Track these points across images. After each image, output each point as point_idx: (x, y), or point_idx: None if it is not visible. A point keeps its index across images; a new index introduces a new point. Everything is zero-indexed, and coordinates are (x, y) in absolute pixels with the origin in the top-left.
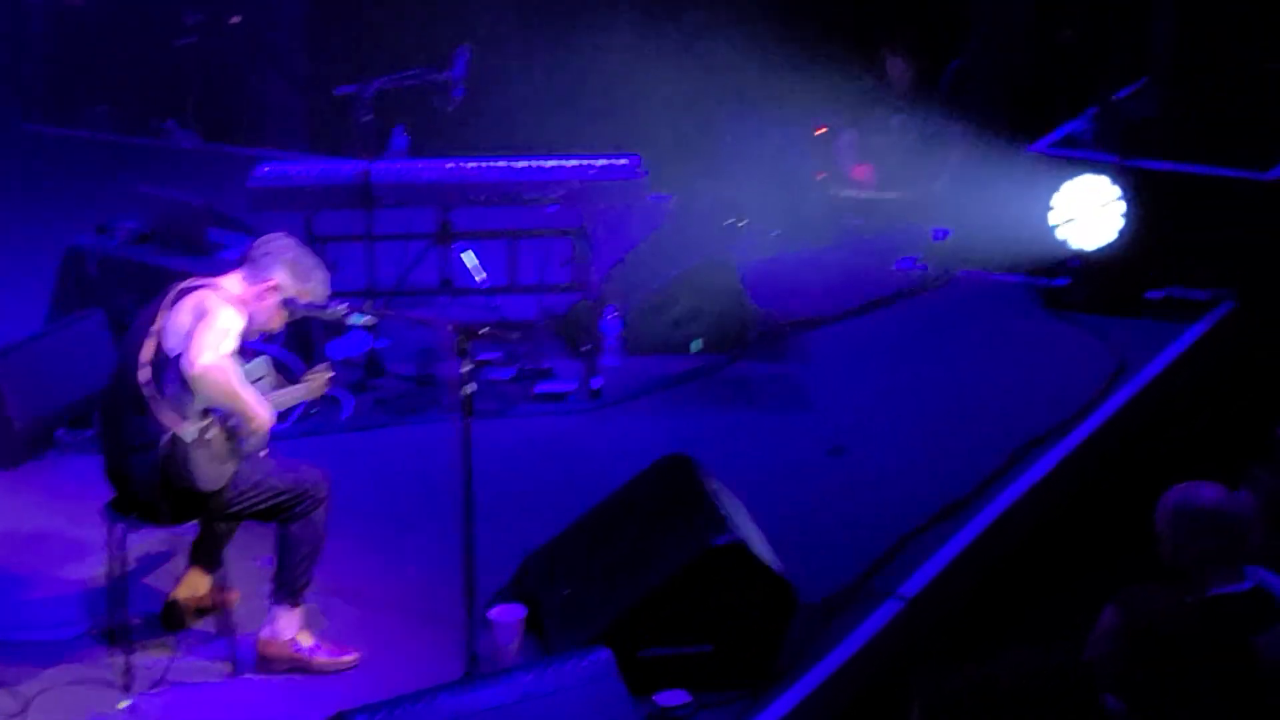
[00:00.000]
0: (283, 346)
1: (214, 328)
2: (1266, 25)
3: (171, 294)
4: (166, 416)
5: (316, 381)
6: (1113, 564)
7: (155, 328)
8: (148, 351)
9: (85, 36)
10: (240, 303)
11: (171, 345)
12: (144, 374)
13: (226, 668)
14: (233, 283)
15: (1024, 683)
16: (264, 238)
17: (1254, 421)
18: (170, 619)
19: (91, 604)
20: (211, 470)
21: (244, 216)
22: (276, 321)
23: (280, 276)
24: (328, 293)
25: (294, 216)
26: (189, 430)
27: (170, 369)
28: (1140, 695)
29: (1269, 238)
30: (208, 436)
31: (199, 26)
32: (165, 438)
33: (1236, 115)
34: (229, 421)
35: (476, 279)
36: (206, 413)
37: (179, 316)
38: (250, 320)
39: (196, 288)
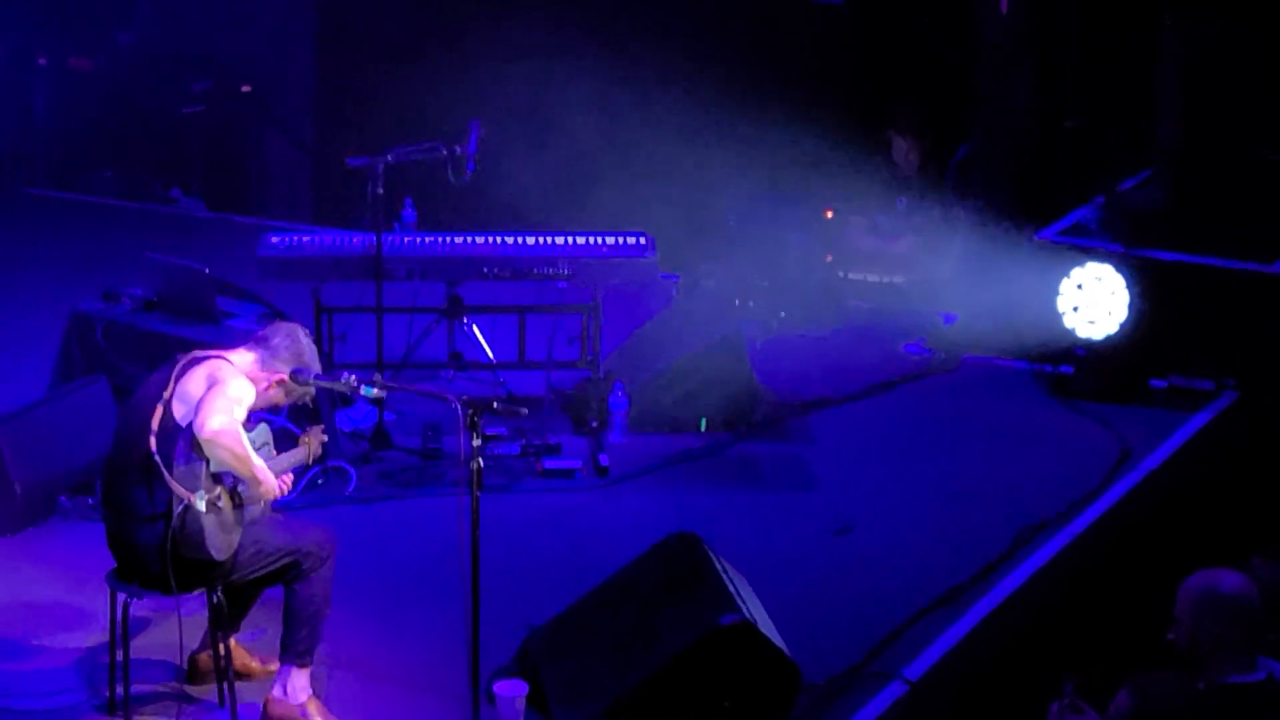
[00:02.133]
0: (287, 418)
1: (226, 394)
2: (1272, 117)
3: (181, 363)
4: (178, 486)
5: (312, 443)
6: (1116, 649)
7: (166, 395)
8: (157, 419)
9: (91, 101)
10: (250, 378)
11: (182, 414)
12: (152, 442)
13: None
14: (243, 359)
15: None
16: (277, 324)
17: (1255, 512)
18: (193, 676)
19: (92, 673)
20: (221, 539)
21: (252, 286)
22: (281, 401)
23: (283, 359)
24: (309, 394)
25: (303, 287)
26: (201, 499)
27: (181, 437)
28: None
29: (1273, 329)
30: (219, 504)
31: (206, 94)
32: (179, 507)
33: (1242, 207)
34: (236, 488)
35: (485, 354)
36: (217, 480)
37: (190, 384)
38: (256, 398)
39: (207, 358)
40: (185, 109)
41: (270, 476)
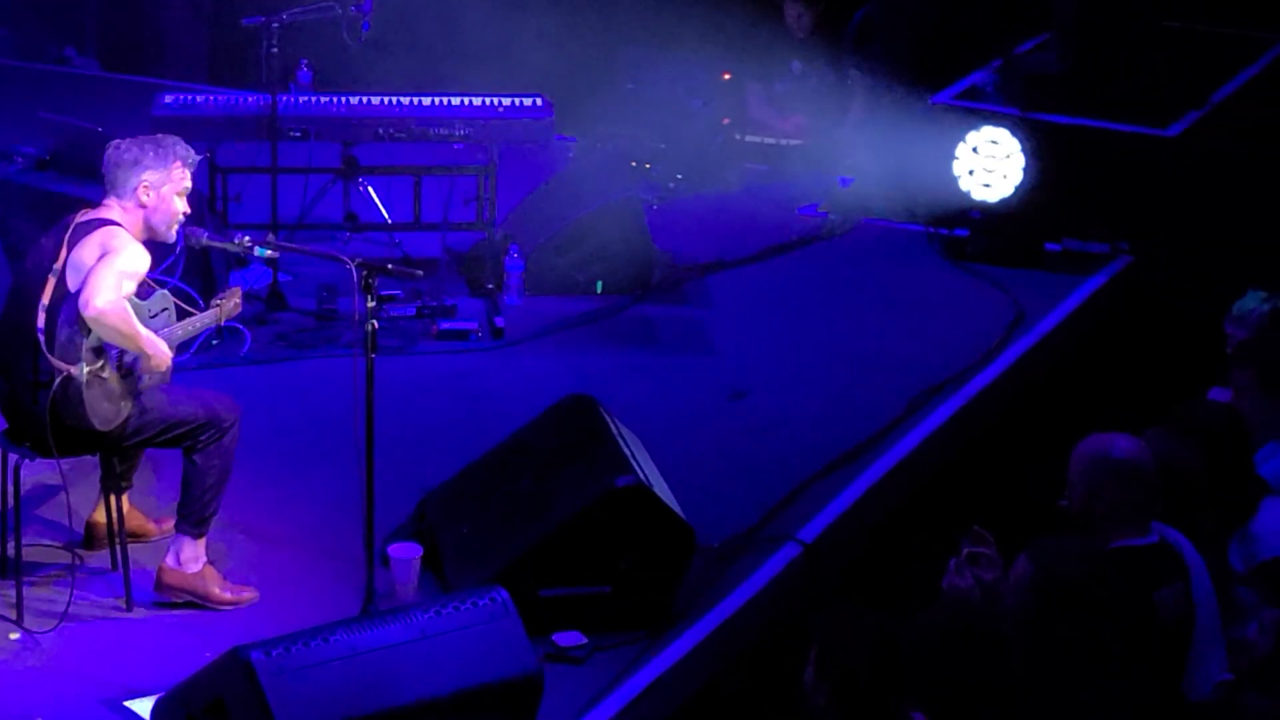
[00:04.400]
0: (181, 279)
1: (114, 268)
2: None
3: (71, 227)
4: (57, 360)
5: (228, 303)
6: (1011, 513)
7: (57, 266)
8: (47, 293)
9: None
10: (134, 229)
11: (74, 283)
12: (40, 318)
13: (121, 602)
14: (115, 212)
15: (925, 630)
16: (106, 156)
17: (1148, 377)
18: (89, 541)
19: None
20: (105, 409)
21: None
22: (175, 215)
23: (147, 176)
24: (193, 157)
25: (198, 147)
26: (82, 370)
27: (66, 307)
28: (1046, 644)
29: (1167, 193)
30: (102, 375)
31: None
32: (59, 377)
33: (1138, 71)
34: (125, 359)
35: (381, 215)
36: (99, 352)
37: (83, 253)
38: (153, 230)
39: (95, 222)
40: None
41: (161, 348)
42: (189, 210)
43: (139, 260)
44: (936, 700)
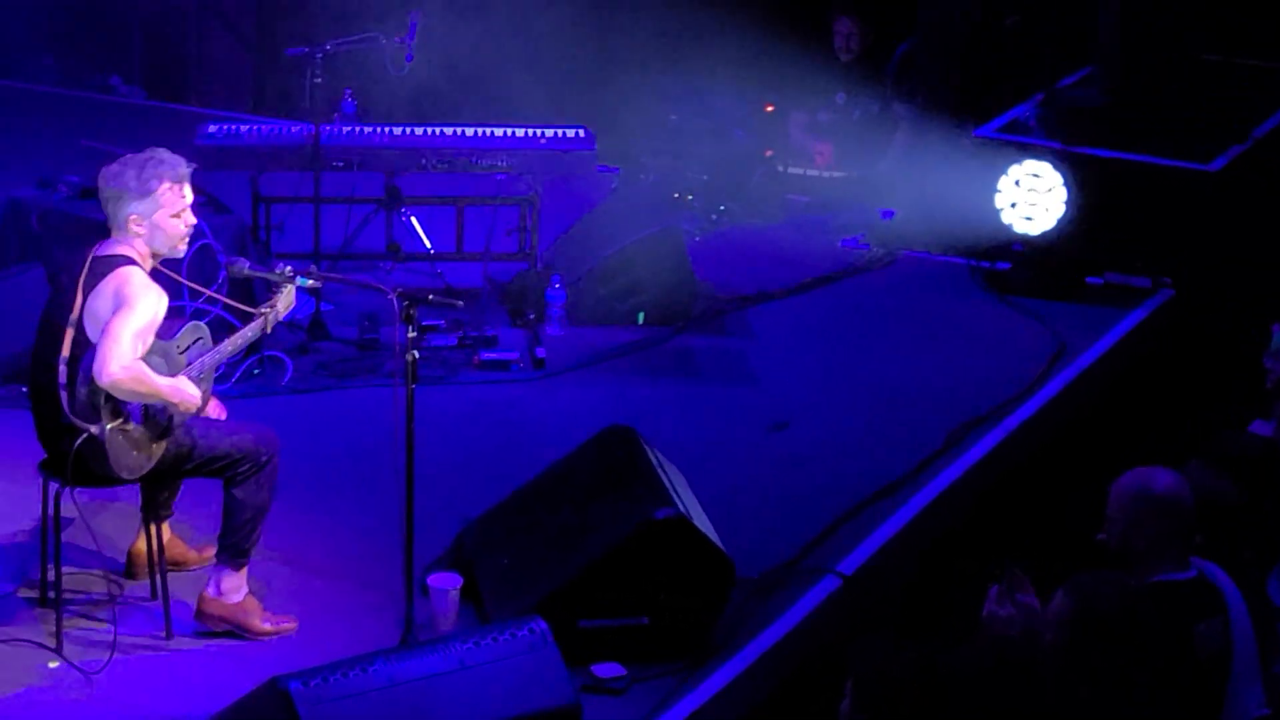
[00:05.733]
0: (224, 308)
1: (128, 328)
2: (1210, 17)
3: (86, 267)
4: (77, 420)
5: (281, 302)
6: (1050, 547)
7: (74, 316)
8: (67, 344)
9: None
10: (143, 260)
11: (91, 333)
12: (62, 372)
13: (160, 629)
14: (124, 245)
15: (963, 662)
16: (98, 186)
17: (1189, 410)
18: (130, 570)
19: (23, 564)
20: (131, 460)
21: (190, 175)
22: (177, 235)
23: (132, 207)
24: (182, 169)
25: (240, 176)
26: (103, 429)
27: (86, 358)
28: (1084, 679)
29: (1209, 228)
30: (126, 428)
31: None
32: (79, 439)
33: (1180, 106)
34: (151, 408)
35: (424, 245)
36: (120, 408)
37: (99, 302)
38: (160, 253)
39: (109, 260)
40: None
41: (186, 392)
42: (193, 221)
43: (151, 311)
44: None
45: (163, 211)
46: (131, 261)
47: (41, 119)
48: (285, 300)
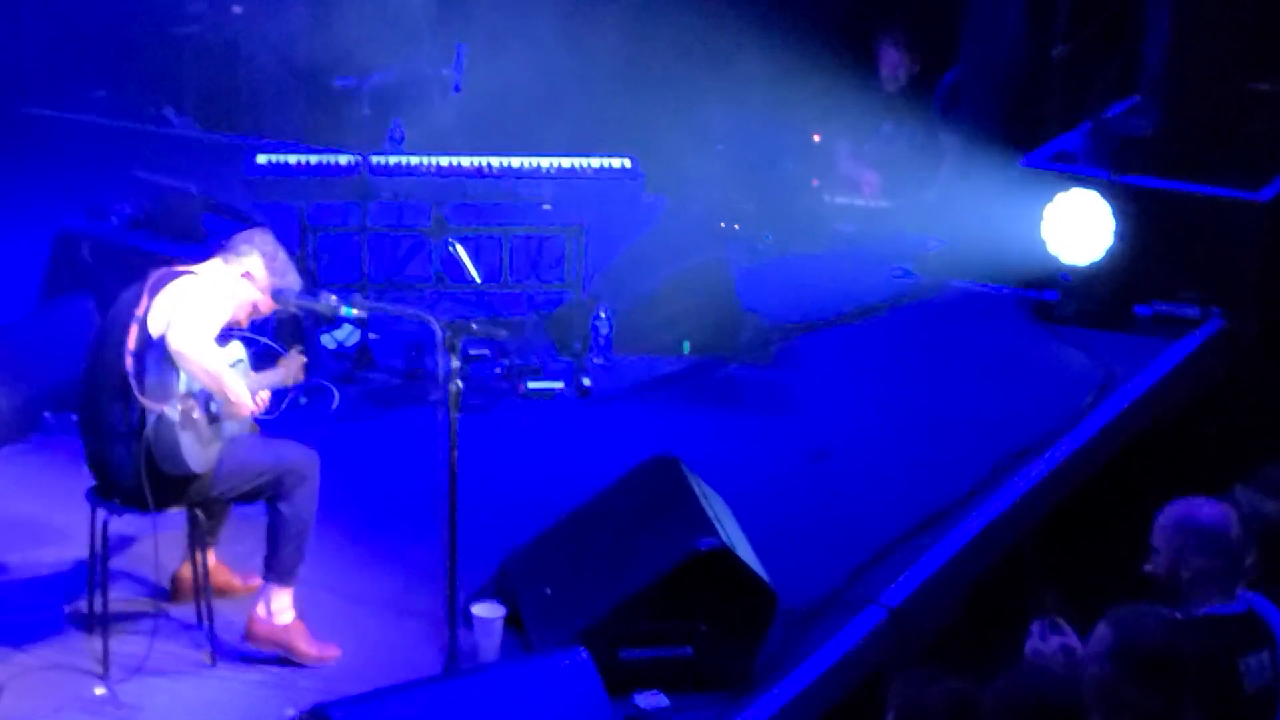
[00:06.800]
0: (274, 337)
1: (198, 310)
2: (1259, 45)
3: (153, 279)
4: (150, 401)
5: (291, 366)
6: (1097, 579)
7: (139, 313)
8: (132, 338)
9: (86, 19)
10: (220, 288)
11: (157, 330)
12: (129, 362)
13: (205, 657)
14: (211, 269)
15: (1003, 695)
16: (245, 232)
17: (1238, 440)
18: (175, 597)
19: (70, 591)
20: (197, 452)
21: (240, 205)
22: (247, 313)
23: (253, 266)
24: (289, 296)
25: (289, 206)
26: (173, 411)
27: (153, 351)
28: (1126, 714)
29: (1258, 257)
30: (194, 417)
31: (201, 15)
32: (151, 418)
33: (1229, 134)
34: (210, 406)
35: (470, 275)
36: (190, 394)
37: (164, 301)
38: (231, 313)
39: (180, 274)
40: (179, 29)
41: (244, 394)
42: (247, 322)
43: (220, 305)
44: None
45: (259, 293)
46: (199, 276)
47: (93, 150)
48: (294, 365)
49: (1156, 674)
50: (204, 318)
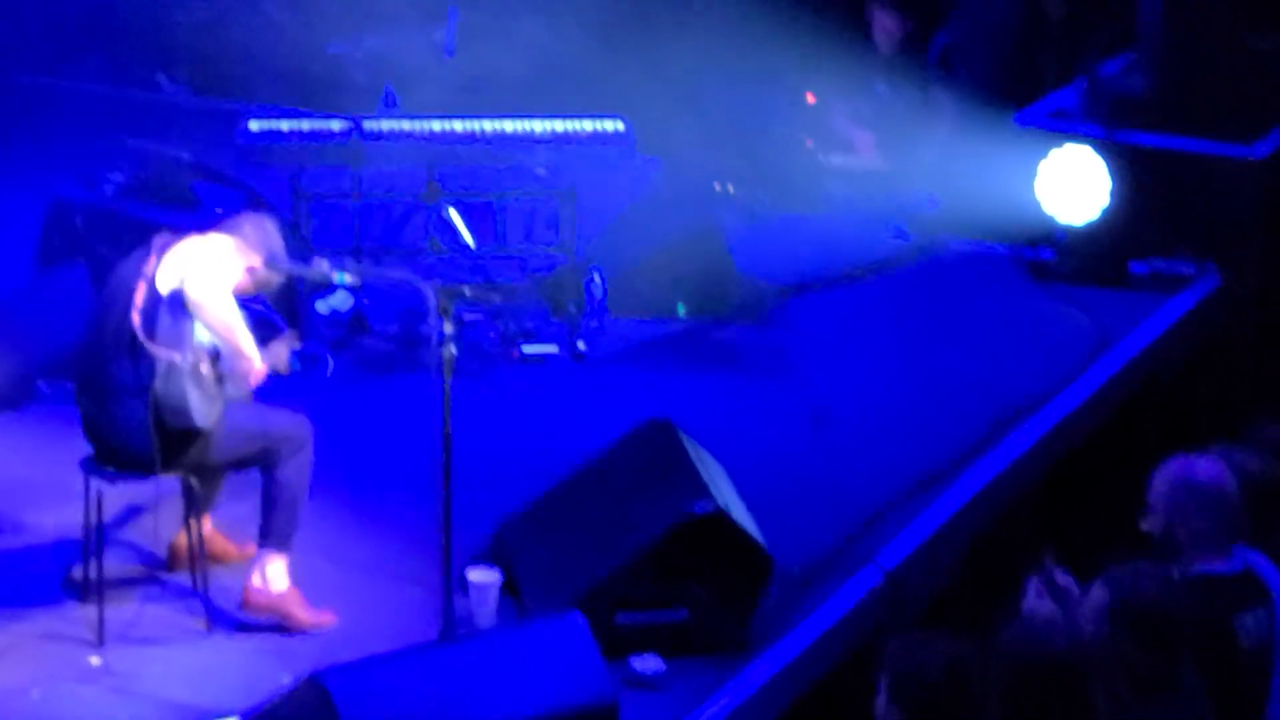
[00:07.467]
0: (268, 304)
1: (214, 263)
2: (1254, 2)
3: (159, 241)
4: (161, 349)
5: (280, 354)
6: (1093, 538)
7: (148, 271)
8: (140, 295)
9: None
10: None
11: (166, 286)
12: (136, 318)
13: (201, 624)
14: (219, 242)
15: (999, 656)
16: (246, 214)
17: (1232, 397)
18: (171, 565)
19: (66, 557)
20: (203, 407)
21: (232, 171)
22: (247, 282)
23: (247, 233)
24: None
25: (282, 172)
26: (184, 360)
27: (163, 306)
28: (1122, 671)
29: (1254, 214)
30: (202, 370)
31: None
32: (161, 367)
33: (1223, 90)
34: (218, 366)
35: (464, 239)
36: (200, 348)
37: (174, 259)
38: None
39: (185, 237)
40: None
41: (254, 350)
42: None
43: (230, 265)
44: None
45: (255, 259)
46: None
47: (86, 118)
48: (283, 351)
49: (1153, 632)
50: (220, 270)
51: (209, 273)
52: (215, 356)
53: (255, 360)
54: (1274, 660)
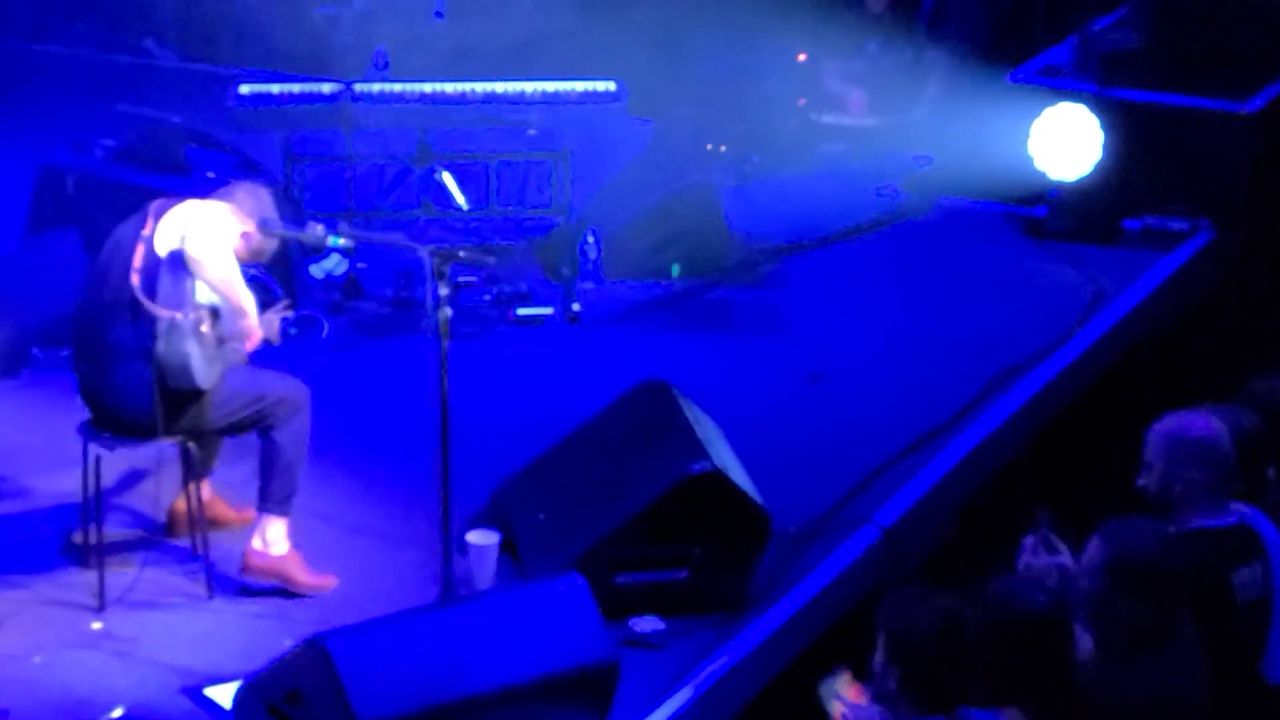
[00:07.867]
0: (263, 268)
1: (212, 224)
2: None
3: (156, 205)
4: (162, 309)
5: (271, 323)
6: (1089, 494)
7: (146, 233)
8: (139, 257)
9: None
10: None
11: (164, 248)
12: (135, 279)
13: (201, 589)
14: (215, 207)
15: (992, 616)
16: (239, 183)
17: (1229, 354)
18: (171, 530)
19: (66, 523)
20: (204, 367)
21: (224, 135)
22: (245, 257)
23: (239, 199)
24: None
25: (273, 136)
26: (185, 319)
27: (162, 267)
28: (1119, 627)
29: (1247, 169)
30: (203, 329)
31: None
32: (163, 326)
33: (1216, 46)
34: (218, 327)
35: (457, 202)
36: (201, 307)
37: (172, 221)
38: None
39: (183, 202)
40: None
41: (253, 308)
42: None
43: (228, 226)
44: (1003, 683)
45: (250, 249)
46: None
47: (76, 84)
48: (273, 322)
49: (1149, 587)
50: (219, 229)
51: (209, 230)
52: (215, 315)
53: (253, 315)
54: (1269, 614)
